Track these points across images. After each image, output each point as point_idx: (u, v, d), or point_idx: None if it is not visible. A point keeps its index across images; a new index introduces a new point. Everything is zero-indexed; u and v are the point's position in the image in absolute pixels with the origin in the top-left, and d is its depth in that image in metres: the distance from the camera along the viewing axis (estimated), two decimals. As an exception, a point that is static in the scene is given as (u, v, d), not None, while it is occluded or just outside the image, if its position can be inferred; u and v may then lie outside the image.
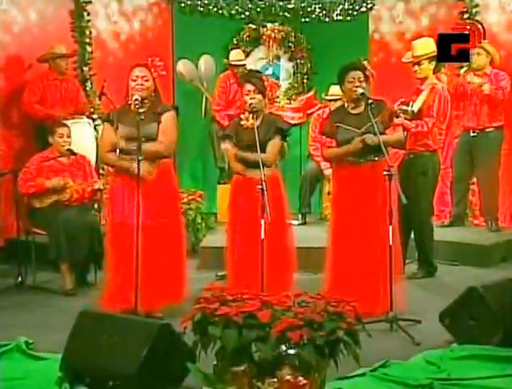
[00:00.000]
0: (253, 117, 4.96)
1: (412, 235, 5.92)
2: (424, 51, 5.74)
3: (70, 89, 7.05)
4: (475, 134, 6.78)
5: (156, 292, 4.70)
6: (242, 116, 5.07)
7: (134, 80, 4.73)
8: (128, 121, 4.72)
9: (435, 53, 5.71)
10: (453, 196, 7.07)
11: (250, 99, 4.96)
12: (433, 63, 5.75)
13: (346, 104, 5.03)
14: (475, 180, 7.08)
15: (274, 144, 5.04)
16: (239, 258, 5.04)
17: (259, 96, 4.98)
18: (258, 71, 6.23)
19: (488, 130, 6.74)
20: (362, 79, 4.89)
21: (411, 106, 5.62)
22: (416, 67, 5.76)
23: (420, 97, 5.66)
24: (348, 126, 4.90)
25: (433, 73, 5.81)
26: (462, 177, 6.97)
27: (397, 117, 5.52)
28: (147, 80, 4.75)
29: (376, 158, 4.84)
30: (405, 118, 5.57)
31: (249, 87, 4.99)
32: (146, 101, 4.73)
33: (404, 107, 5.60)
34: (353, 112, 4.97)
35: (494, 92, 6.55)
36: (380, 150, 4.68)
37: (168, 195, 4.83)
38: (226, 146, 5.09)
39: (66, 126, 5.96)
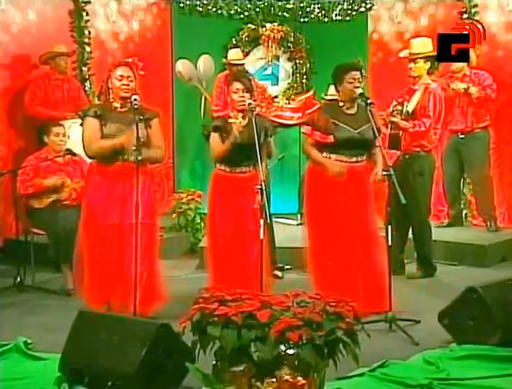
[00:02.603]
0: (242, 117, 4.94)
1: (411, 235, 5.92)
2: (420, 50, 5.77)
3: (72, 89, 7.06)
4: (463, 136, 6.80)
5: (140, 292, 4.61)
6: (231, 114, 5.05)
7: (120, 80, 4.69)
8: (114, 120, 4.68)
9: (431, 54, 5.73)
10: (446, 198, 7.09)
11: (239, 97, 4.92)
12: (428, 64, 5.76)
13: (341, 103, 5.00)
14: (469, 180, 7.11)
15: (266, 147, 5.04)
16: (224, 259, 4.97)
17: (247, 95, 4.93)
18: (246, 72, 6.24)
19: (475, 131, 6.76)
20: (361, 79, 4.91)
21: (406, 106, 5.63)
22: (411, 65, 5.78)
23: (414, 97, 5.66)
24: (345, 125, 4.91)
25: (428, 73, 5.81)
26: (453, 178, 7.00)
27: (392, 116, 5.54)
28: (131, 81, 4.72)
29: (363, 158, 4.92)
30: (401, 119, 5.58)
31: (237, 85, 4.95)
32: (129, 101, 4.69)
33: (399, 107, 5.61)
34: (348, 112, 4.97)
35: (481, 93, 6.57)
36: (369, 150, 4.87)
37: (146, 196, 4.75)
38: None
39: (61, 125, 5.97)
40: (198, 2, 8.11)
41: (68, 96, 7.00)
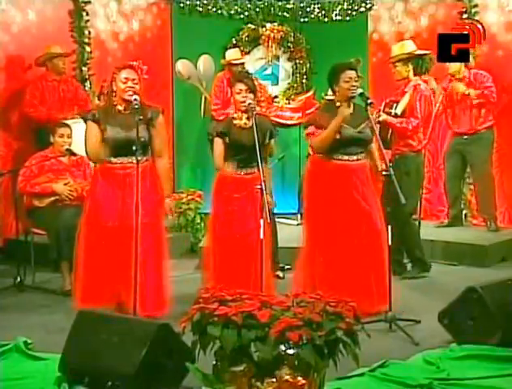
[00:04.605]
0: (247, 117, 4.94)
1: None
2: (396, 52, 5.79)
3: (69, 90, 7.05)
4: (467, 137, 6.80)
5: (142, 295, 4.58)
6: (235, 115, 5.05)
7: (124, 82, 4.68)
8: (115, 122, 4.69)
9: (411, 55, 5.76)
10: (447, 197, 7.08)
11: (242, 97, 4.91)
12: (409, 65, 5.76)
13: (337, 104, 4.98)
14: (472, 180, 7.10)
15: (269, 148, 5.11)
16: (226, 260, 4.95)
17: (251, 95, 4.93)
18: (247, 72, 6.24)
19: (480, 131, 6.75)
20: (357, 78, 4.91)
21: (395, 108, 5.64)
22: (393, 69, 5.80)
23: (403, 99, 5.67)
24: (346, 125, 4.90)
25: (416, 75, 5.81)
26: (454, 177, 6.98)
27: (379, 116, 5.56)
28: (136, 83, 4.72)
29: (363, 157, 4.95)
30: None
31: (240, 86, 4.94)
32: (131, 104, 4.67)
33: (387, 109, 5.63)
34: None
35: (479, 95, 6.57)
36: (367, 149, 4.93)
37: (151, 196, 4.73)
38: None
39: (67, 126, 5.94)
40: (198, 2, 8.11)
41: (65, 97, 6.99)
